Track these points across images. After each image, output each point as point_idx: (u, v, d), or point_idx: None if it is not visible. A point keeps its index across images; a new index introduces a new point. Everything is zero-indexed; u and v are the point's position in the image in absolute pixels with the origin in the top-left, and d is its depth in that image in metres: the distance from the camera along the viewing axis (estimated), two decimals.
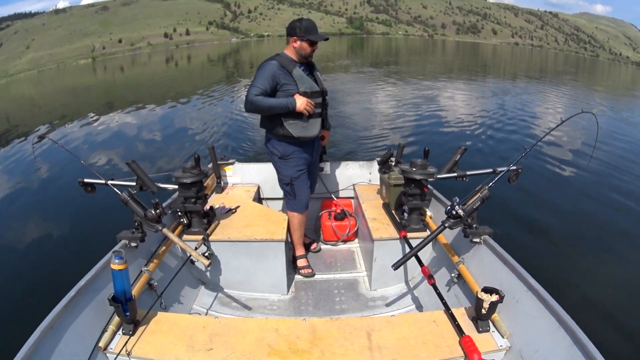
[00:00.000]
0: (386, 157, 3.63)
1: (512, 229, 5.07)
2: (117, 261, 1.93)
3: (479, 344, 1.93)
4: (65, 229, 5.59)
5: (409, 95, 16.68)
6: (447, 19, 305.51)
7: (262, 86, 2.92)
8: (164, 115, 14.43)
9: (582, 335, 1.69)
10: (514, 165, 2.74)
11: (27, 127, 14.85)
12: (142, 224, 2.59)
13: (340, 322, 2.23)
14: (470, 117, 12.49)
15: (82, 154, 8.70)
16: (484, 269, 2.47)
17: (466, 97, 17.05)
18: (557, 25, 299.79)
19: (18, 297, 4.05)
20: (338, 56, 43.05)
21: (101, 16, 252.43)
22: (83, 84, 36.11)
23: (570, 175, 7.53)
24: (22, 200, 6.88)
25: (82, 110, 16.84)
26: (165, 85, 26.69)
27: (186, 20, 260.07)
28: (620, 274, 4.45)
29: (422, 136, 9.97)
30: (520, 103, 15.57)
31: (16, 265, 4.71)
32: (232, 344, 2.03)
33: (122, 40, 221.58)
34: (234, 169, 4.23)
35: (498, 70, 37.53)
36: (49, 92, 32.95)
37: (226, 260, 3.11)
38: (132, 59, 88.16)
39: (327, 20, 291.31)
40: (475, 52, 74.84)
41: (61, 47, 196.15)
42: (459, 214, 2.44)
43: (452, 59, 51.52)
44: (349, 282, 3.40)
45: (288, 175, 3.27)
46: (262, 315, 2.97)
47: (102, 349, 1.96)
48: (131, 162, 2.86)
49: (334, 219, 3.94)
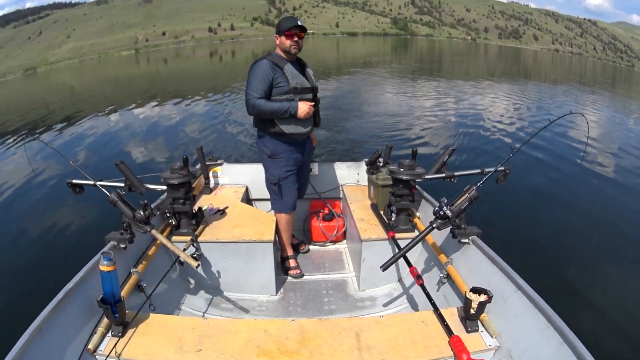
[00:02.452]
0: (374, 158, 3.65)
1: (501, 230, 5.10)
2: (105, 262, 1.92)
3: (467, 343, 1.95)
4: (54, 230, 5.52)
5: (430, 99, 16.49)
6: (489, 22, 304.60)
7: (260, 88, 2.96)
8: (193, 110, 14.44)
9: (571, 334, 1.70)
10: (502, 165, 2.77)
11: (63, 115, 14.90)
12: (130, 225, 2.57)
13: (329, 322, 2.23)
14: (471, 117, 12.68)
15: (71, 155, 8.64)
16: (473, 269, 2.49)
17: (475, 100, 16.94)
18: (595, 34, 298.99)
19: (6, 300, 3.99)
20: (383, 54, 42.00)
21: (144, 8, 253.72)
22: (125, 75, 36.94)
23: (559, 176, 7.59)
24: (9, 201, 6.79)
25: (124, 100, 17.09)
26: (208, 78, 27.25)
27: (231, 16, 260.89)
28: (609, 273, 4.50)
29: (411, 137, 10.04)
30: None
31: (3, 267, 4.64)
32: (221, 345, 2.02)
33: (166, 33, 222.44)
34: (222, 169, 4.22)
35: (540, 75, 36.80)
36: (89, 82, 33.22)
37: (215, 262, 3.11)
38: (175, 52, 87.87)
39: (372, 19, 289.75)
40: (517, 58, 73.77)
41: (103, 37, 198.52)
42: (447, 214, 2.46)
43: (494, 64, 50.05)
44: (337, 282, 3.41)
45: (276, 175, 3.27)
46: (251, 316, 2.97)
47: (91, 351, 1.95)
48: (119, 162, 2.84)
49: (322, 220, 3.95)
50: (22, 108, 18.81)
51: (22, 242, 5.26)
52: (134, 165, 2.88)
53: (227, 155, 8.36)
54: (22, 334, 1.71)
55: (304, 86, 3.09)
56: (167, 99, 16.77)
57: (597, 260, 4.75)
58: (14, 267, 4.61)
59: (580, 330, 1.75)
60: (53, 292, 1.99)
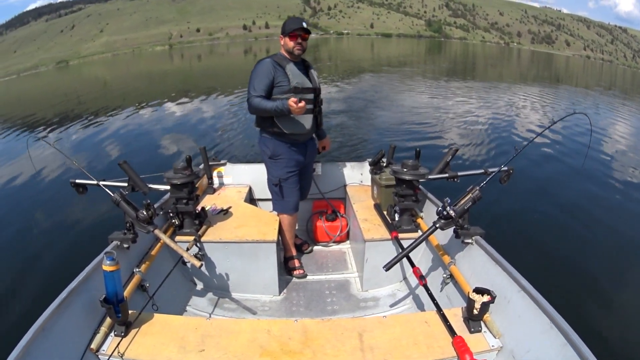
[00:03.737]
0: (377, 158, 3.64)
1: (504, 230, 5.08)
2: (108, 262, 1.92)
3: (470, 344, 1.94)
4: (57, 230, 5.53)
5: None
6: (522, 27, 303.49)
7: (260, 87, 2.98)
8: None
9: (574, 335, 1.69)
10: (505, 166, 2.76)
11: (97, 107, 15.17)
12: (133, 225, 2.58)
13: (331, 322, 2.23)
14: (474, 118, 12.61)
15: (74, 155, 8.65)
16: (476, 270, 2.48)
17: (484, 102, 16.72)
18: (625, 41, 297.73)
19: (9, 299, 4.01)
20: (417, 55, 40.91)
21: (178, 5, 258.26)
22: (159, 70, 37.80)
23: (563, 177, 7.57)
24: (13, 200, 6.82)
25: (157, 95, 17.41)
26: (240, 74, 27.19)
27: (265, 14, 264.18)
28: (613, 273, 4.47)
29: (414, 136, 10.03)
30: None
31: (6, 266, 4.65)
32: (224, 345, 2.02)
33: (200, 29, 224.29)
34: (226, 169, 4.22)
35: (572, 81, 35.79)
36: (122, 76, 33.89)
37: (218, 262, 3.11)
38: (210, 49, 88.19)
39: (406, 21, 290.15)
40: (549, 63, 72.00)
41: (137, 32, 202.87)
42: (451, 214, 2.45)
43: (526, 69, 48.17)
44: (340, 283, 3.40)
45: (277, 176, 3.28)
46: (254, 316, 2.97)
47: (94, 351, 1.95)
48: (122, 162, 2.84)
49: (325, 220, 3.95)
50: (54, 99, 18.95)
51: (25, 242, 5.27)
52: (137, 165, 2.89)
53: (231, 155, 8.39)
54: (25, 333, 1.71)
55: (304, 86, 3.10)
56: (199, 95, 16.99)
57: (601, 261, 4.72)
58: (17, 266, 4.62)
59: (584, 331, 1.74)
60: (56, 291, 1.99)
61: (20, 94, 29.83)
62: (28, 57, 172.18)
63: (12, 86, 40.80)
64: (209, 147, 8.70)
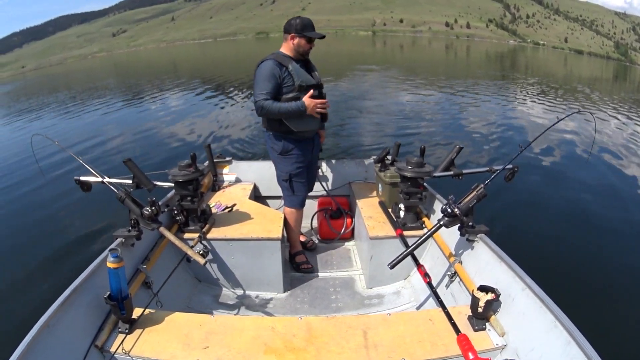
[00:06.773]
0: (382, 155, 3.63)
1: (509, 228, 5.07)
2: (113, 259, 1.92)
3: (474, 342, 1.93)
4: (62, 227, 5.56)
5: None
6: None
7: (267, 89, 2.96)
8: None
9: (578, 334, 1.68)
10: (510, 164, 2.74)
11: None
12: (138, 222, 2.58)
13: (336, 320, 2.23)
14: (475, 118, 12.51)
15: (79, 151, 8.67)
16: (480, 268, 2.47)
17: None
18: None
19: (14, 296, 4.03)
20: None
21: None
22: (358, 52, 41.89)
23: (567, 174, 7.53)
24: (18, 197, 6.86)
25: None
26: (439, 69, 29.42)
27: (467, 14, 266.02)
28: (618, 272, 4.44)
29: (419, 134, 9.99)
30: None
31: (12, 263, 4.68)
32: (228, 342, 2.03)
33: (404, 20, 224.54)
34: (231, 167, 4.23)
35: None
36: (323, 52, 36.78)
37: (222, 259, 3.12)
38: (412, 40, 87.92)
39: (597, 40, 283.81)
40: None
41: (340, 15, 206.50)
42: (455, 212, 2.44)
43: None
44: (345, 280, 3.40)
45: (287, 172, 3.29)
46: (258, 313, 2.98)
47: (99, 348, 1.96)
48: (127, 160, 2.84)
49: (330, 217, 3.94)
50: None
51: (30, 239, 5.30)
52: (141, 162, 2.88)
53: (236, 152, 8.40)
54: (30, 330, 1.72)
55: (309, 83, 3.09)
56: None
57: (607, 259, 4.69)
58: (22, 263, 4.65)
59: (588, 329, 1.73)
60: (61, 288, 2.00)
61: (215, 57, 30.17)
62: (225, 24, 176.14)
63: (206, 49, 42.19)
64: (217, 145, 8.74)
